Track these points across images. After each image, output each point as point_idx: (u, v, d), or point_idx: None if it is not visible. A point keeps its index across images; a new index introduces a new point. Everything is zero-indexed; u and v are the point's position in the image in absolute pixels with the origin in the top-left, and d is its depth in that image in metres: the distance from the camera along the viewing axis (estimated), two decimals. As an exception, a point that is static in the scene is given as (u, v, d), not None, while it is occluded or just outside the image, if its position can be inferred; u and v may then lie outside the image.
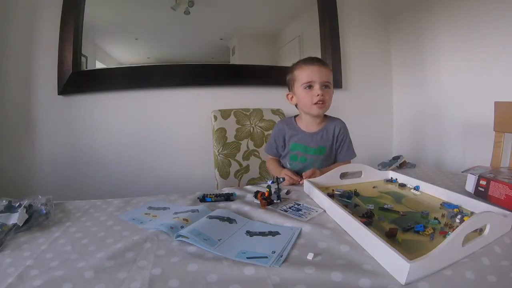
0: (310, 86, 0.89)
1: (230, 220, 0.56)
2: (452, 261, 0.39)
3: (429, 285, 0.35)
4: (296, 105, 0.98)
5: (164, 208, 0.65)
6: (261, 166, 1.34)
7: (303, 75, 0.90)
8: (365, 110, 1.73)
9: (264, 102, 1.38)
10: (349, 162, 0.99)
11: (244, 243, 0.47)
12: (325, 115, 0.99)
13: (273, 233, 0.51)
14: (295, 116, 1.01)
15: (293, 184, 0.82)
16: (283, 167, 1.00)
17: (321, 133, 0.96)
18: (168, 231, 0.50)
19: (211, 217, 0.56)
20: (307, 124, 0.97)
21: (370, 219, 0.53)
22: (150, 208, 0.66)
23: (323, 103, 0.89)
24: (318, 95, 0.87)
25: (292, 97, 0.97)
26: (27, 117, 1.26)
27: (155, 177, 1.38)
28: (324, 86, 0.89)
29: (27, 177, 1.27)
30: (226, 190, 0.76)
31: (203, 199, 0.69)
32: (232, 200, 0.69)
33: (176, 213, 0.60)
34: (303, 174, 0.82)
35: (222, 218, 0.56)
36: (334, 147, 0.98)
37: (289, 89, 0.98)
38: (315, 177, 0.79)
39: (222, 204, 0.67)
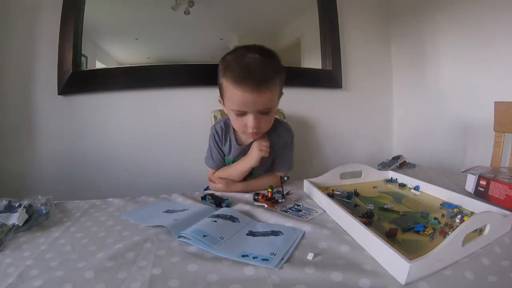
0: (242, 115, 0.67)
1: (232, 219, 0.55)
2: (452, 261, 0.39)
3: (429, 285, 0.35)
4: None
5: (183, 210, 0.62)
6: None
7: (232, 99, 0.65)
8: (365, 110, 1.73)
9: (264, 102, 1.38)
10: (283, 174, 0.77)
11: (246, 244, 0.47)
12: None
13: (276, 233, 0.50)
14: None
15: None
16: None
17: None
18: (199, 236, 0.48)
19: (213, 216, 0.56)
20: (245, 135, 0.78)
21: (370, 219, 0.53)
22: (168, 211, 0.62)
23: (257, 132, 0.69)
24: (250, 127, 0.67)
25: (224, 103, 0.74)
26: (27, 117, 1.26)
27: (155, 176, 1.38)
28: (261, 113, 0.67)
29: (27, 177, 1.27)
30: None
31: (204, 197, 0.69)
32: (222, 207, 0.63)
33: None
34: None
35: (225, 216, 0.56)
36: (273, 155, 0.80)
37: (220, 93, 0.74)
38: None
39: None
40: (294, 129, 0.86)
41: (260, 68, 0.63)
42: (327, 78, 1.60)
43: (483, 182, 0.64)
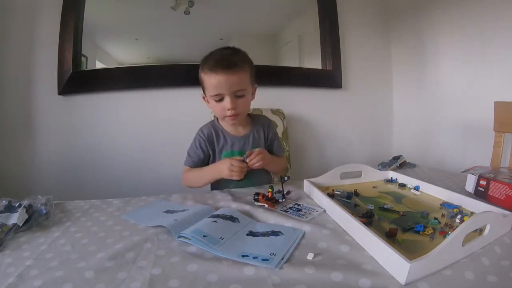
0: (220, 99, 0.76)
1: (232, 219, 0.55)
2: (452, 261, 0.39)
3: (429, 285, 0.35)
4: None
5: (183, 210, 0.63)
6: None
7: (210, 85, 0.75)
8: (365, 110, 1.73)
9: (264, 102, 1.38)
10: (282, 157, 0.95)
11: (246, 244, 0.47)
12: (249, 114, 0.90)
13: (276, 233, 0.50)
14: (217, 118, 0.90)
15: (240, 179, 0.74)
16: None
17: (252, 134, 0.87)
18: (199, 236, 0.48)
19: (213, 216, 0.56)
20: (235, 127, 0.87)
21: (370, 219, 0.53)
22: (168, 212, 0.62)
23: (235, 115, 0.78)
24: (228, 109, 0.76)
25: (208, 100, 0.82)
26: (27, 117, 1.26)
27: (155, 177, 1.38)
28: (236, 96, 0.76)
29: (27, 177, 1.27)
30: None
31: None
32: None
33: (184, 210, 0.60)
34: (248, 159, 0.73)
35: (225, 217, 0.56)
36: (266, 146, 0.90)
37: (203, 90, 0.83)
38: (264, 157, 0.74)
39: (222, 203, 0.67)
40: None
41: (230, 57, 0.75)
42: (327, 78, 1.60)
43: (483, 182, 0.64)
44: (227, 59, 0.74)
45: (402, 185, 0.76)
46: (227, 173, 0.72)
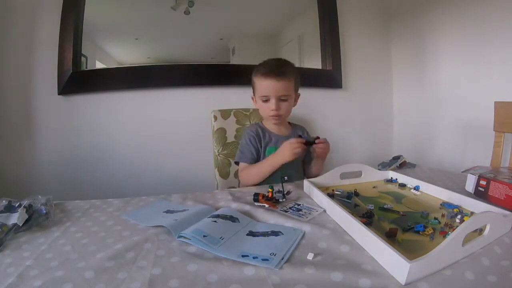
0: (266, 100, 0.91)
1: (232, 219, 0.55)
2: (452, 261, 0.39)
3: (429, 285, 0.35)
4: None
5: (183, 210, 0.63)
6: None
7: (260, 87, 0.91)
8: (365, 110, 1.73)
9: (264, 102, 1.39)
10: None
11: (246, 244, 0.47)
12: (288, 122, 1.06)
13: (276, 233, 0.50)
14: (261, 121, 1.04)
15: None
16: None
17: (293, 136, 0.96)
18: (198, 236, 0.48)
19: (213, 216, 0.56)
20: (278, 127, 0.99)
21: (370, 219, 0.53)
22: (168, 212, 0.63)
23: (278, 116, 0.92)
24: (272, 110, 0.90)
25: (255, 98, 0.98)
26: (27, 117, 1.26)
27: (155, 177, 1.38)
28: (281, 100, 0.91)
29: (27, 177, 1.27)
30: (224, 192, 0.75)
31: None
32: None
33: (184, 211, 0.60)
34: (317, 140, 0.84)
35: (225, 217, 0.56)
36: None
37: (253, 92, 0.98)
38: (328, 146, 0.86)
39: (222, 203, 0.67)
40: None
41: (279, 66, 0.91)
42: (327, 78, 1.60)
43: (483, 182, 0.64)
44: (276, 69, 0.89)
45: (402, 185, 0.76)
46: (289, 153, 0.79)
